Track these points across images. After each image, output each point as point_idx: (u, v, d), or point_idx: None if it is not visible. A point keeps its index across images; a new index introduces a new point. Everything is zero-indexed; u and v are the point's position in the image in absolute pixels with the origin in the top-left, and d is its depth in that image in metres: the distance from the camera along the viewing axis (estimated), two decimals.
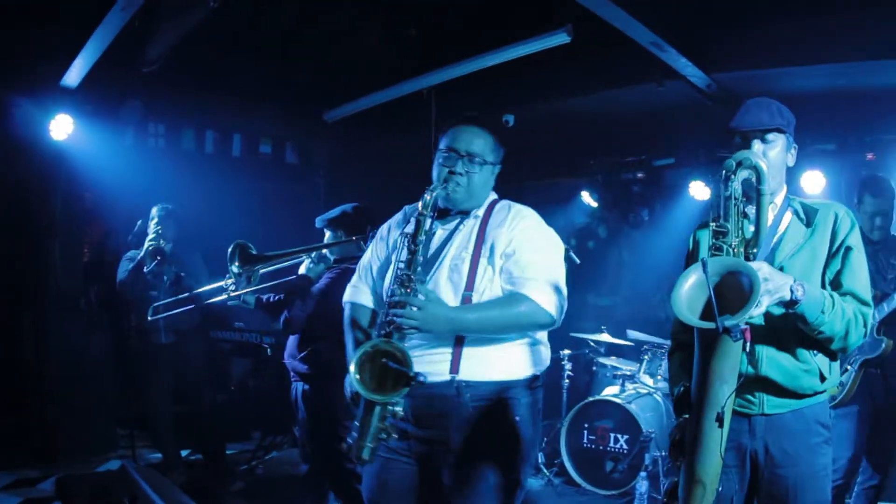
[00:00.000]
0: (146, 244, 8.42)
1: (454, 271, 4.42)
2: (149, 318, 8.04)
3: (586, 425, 9.01)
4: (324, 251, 6.76)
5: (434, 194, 4.34)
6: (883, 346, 6.41)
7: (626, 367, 9.70)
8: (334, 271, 6.67)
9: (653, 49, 8.00)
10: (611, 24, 7.46)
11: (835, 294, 3.90)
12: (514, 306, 4.29)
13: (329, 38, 9.04)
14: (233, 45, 9.04)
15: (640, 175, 12.09)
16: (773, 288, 3.62)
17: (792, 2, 7.54)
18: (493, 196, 4.75)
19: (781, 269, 3.94)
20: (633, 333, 9.97)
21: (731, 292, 3.47)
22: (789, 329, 3.91)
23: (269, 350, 9.55)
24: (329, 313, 5.92)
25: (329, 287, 6.50)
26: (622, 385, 9.37)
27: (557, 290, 4.37)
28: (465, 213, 4.60)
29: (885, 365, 6.51)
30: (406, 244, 4.29)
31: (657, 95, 9.23)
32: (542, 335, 4.63)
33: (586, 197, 12.52)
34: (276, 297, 6.91)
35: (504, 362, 4.40)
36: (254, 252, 5.77)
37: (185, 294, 8.24)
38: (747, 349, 3.47)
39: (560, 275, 4.46)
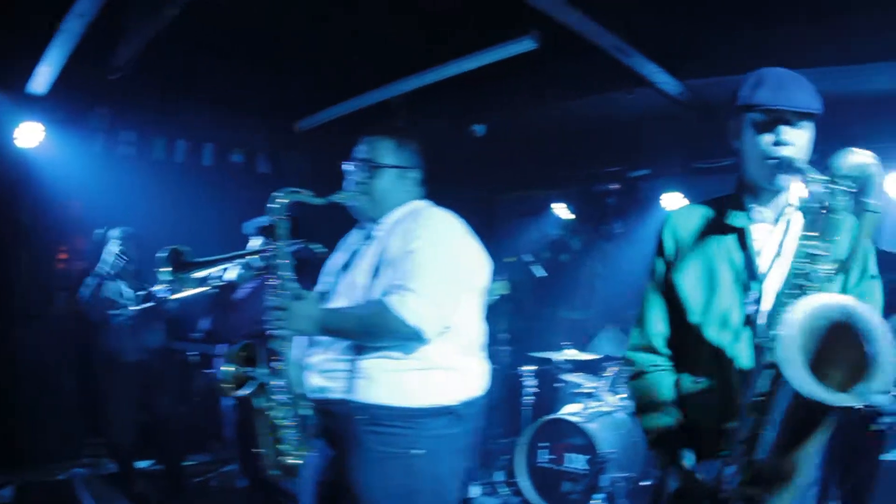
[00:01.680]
0: (107, 266, 8.48)
1: (352, 285, 4.42)
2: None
3: (545, 444, 8.86)
4: (247, 258, 6.67)
5: (284, 202, 4.38)
6: None
7: (590, 383, 9.52)
8: (256, 281, 6.57)
9: (617, 54, 7.92)
10: (573, 29, 7.38)
11: None
12: (371, 312, 4.19)
13: (300, 47, 8.96)
14: (204, 53, 9.02)
15: (614, 186, 12.00)
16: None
17: (767, 6, 7.43)
18: (417, 204, 4.66)
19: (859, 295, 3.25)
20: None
21: (832, 346, 2.79)
22: None
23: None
24: (247, 323, 5.85)
25: (248, 297, 6.43)
26: (584, 403, 9.22)
27: (429, 299, 4.14)
28: (375, 221, 4.59)
29: None
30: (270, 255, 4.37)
31: (629, 104, 9.23)
32: (457, 360, 4.39)
33: (559, 209, 12.45)
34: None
35: (400, 386, 4.22)
36: (187, 258, 5.61)
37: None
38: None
39: (438, 283, 4.22)
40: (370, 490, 4.17)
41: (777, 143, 3.34)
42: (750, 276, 3.36)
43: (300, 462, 4.36)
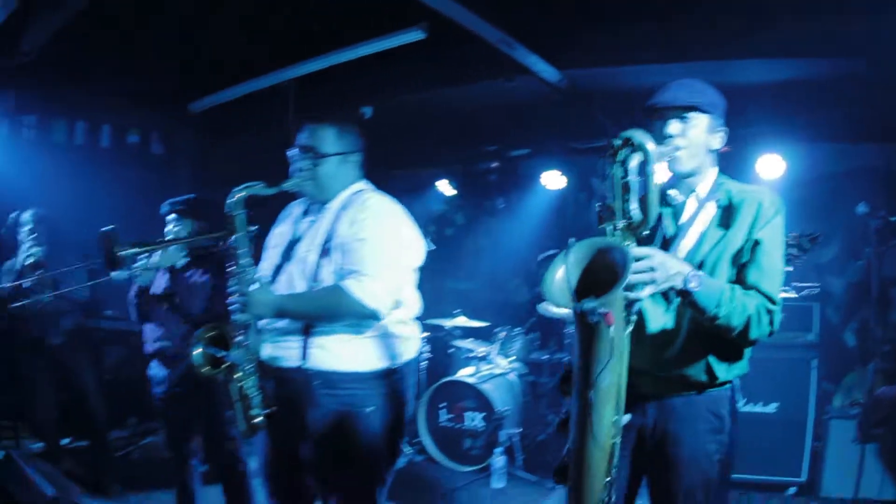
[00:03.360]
0: (22, 257, 8.40)
1: (303, 263, 4.78)
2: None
3: (443, 405, 9.48)
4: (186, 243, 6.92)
5: (241, 197, 4.67)
6: None
7: (481, 348, 10.06)
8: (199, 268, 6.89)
9: (501, 46, 8.24)
10: (458, 22, 7.73)
11: (737, 287, 3.84)
12: (331, 297, 4.58)
13: (193, 30, 9.08)
14: (101, 37, 8.98)
15: (495, 165, 12.48)
16: (661, 277, 3.57)
17: (642, 2, 7.75)
18: (358, 186, 5.01)
19: (701, 264, 3.92)
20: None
21: (603, 271, 3.43)
22: (681, 325, 3.96)
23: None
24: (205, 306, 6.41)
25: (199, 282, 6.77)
26: (476, 366, 9.75)
27: (381, 282, 4.55)
28: (323, 203, 4.93)
29: None
30: (229, 246, 4.69)
31: (510, 90, 9.48)
32: (399, 328, 4.82)
33: (443, 185, 13.00)
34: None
35: (351, 353, 4.65)
36: (121, 240, 5.61)
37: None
38: (611, 334, 3.33)
39: (388, 267, 4.64)
40: (330, 444, 4.65)
41: (664, 137, 3.96)
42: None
43: (262, 421, 4.68)
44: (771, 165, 9.74)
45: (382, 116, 10.60)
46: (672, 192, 4.10)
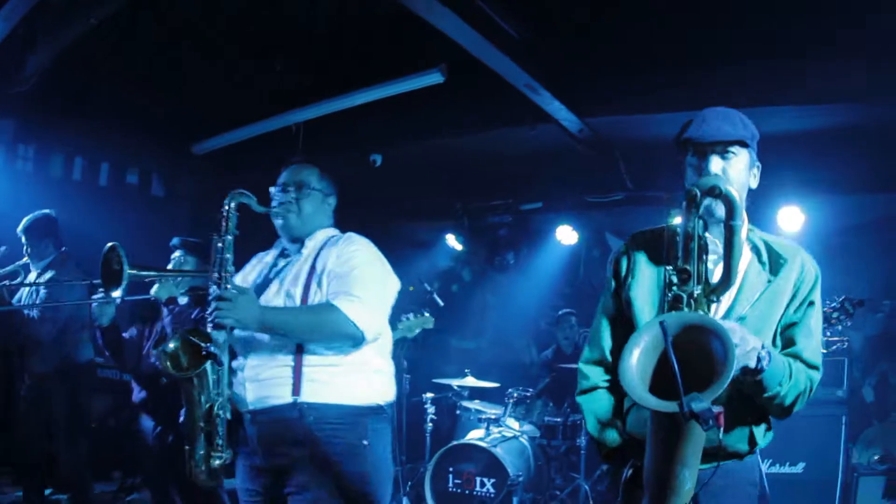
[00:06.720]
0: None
1: (289, 295, 4.65)
2: None
3: (451, 469, 9.00)
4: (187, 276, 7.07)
5: (237, 201, 4.49)
6: None
7: (491, 410, 9.73)
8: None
9: (526, 91, 8.14)
10: (485, 64, 7.59)
11: (793, 363, 3.43)
12: (321, 313, 4.44)
13: (200, 70, 8.95)
14: (104, 72, 8.93)
15: (506, 219, 12.21)
16: (741, 355, 3.06)
17: (667, 51, 7.78)
18: (332, 231, 5.00)
19: (741, 320, 3.41)
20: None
21: (691, 356, 2.89)
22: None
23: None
24: None
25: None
26: (487, 428, 9.35)
27: (371, 307, 4.49)
28: (301, 242, 4.87)
29: None
30: (214, 245, 4.44)
31: (529, 139, 9.41)
32: (383, 365, 4.77)
33: (451, 240, 12.65)
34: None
35: (347, 387, 4.51)
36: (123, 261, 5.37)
37: None
38: (720, 436, 3.03)
39: (377, 295, 4.61)
40: (328, 478, 4.41)
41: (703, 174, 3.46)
42: None
43: (223, 463, 4.45)
44: (791, 218, 9.60)
45: (391, 164, 10.37)
46: (708, 237, 3.43)
